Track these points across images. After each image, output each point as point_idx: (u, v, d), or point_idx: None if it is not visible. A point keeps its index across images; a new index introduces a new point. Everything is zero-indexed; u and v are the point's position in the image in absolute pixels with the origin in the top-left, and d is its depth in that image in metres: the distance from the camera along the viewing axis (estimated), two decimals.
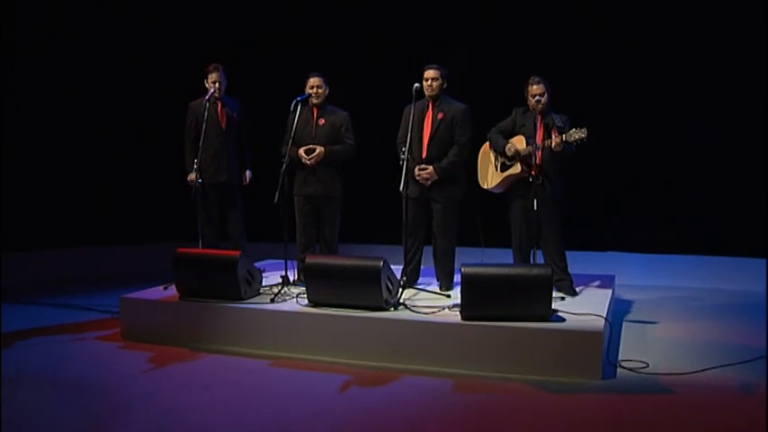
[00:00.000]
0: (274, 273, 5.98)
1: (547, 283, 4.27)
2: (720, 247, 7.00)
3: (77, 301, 6.43)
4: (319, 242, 5.72)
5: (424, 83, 5.25)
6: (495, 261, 5.61)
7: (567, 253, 5.27)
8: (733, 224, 6.91)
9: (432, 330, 4.39)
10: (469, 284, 4.32)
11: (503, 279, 4.32)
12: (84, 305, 6.26)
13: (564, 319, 4.36)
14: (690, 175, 7.12)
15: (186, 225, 6.29)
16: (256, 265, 6.50)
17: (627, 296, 6.30)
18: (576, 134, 4.82)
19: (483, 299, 4.32)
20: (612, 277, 5.84)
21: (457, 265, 5.41)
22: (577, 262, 5.57)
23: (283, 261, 5.41)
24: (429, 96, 5.26)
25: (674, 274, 7.09)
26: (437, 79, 5.25)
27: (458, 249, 5.47)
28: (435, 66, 5.30)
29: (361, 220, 7.17)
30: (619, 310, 5.65)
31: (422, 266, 5.54)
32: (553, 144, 4.90)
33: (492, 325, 4.28)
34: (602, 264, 7.00)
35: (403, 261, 5.32)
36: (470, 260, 5.86)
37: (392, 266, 4.76)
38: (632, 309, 5.90)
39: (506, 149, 5.15)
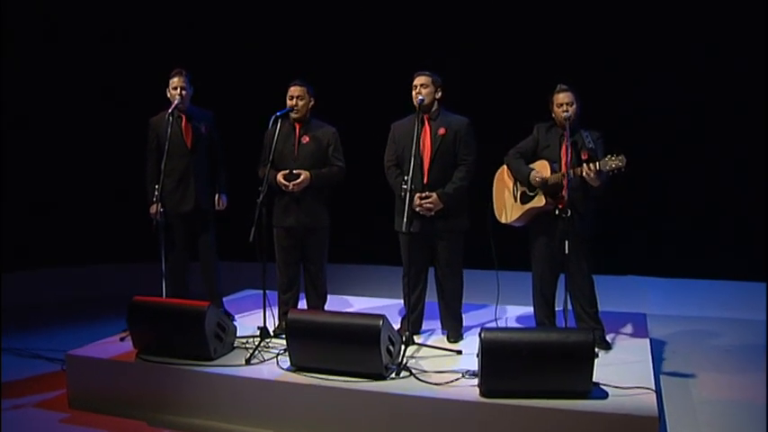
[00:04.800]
0: (252, 313, 5.20)
1: (587, 352, 3.46)
2: (748, 272, 6.28)
3: (23, 341, 5.52)
4: (304, 281, 4.88)
5: (412, 91, 4.42)
6: (510, 285, 4.91)
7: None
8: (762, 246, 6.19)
9: (443, 409, 3.56)
10: (491, 353, 3.50)
11: (532, 347, 3.50)
12: (30, 348, 5.35)
13: (606, 394, 3.55)
14: (717, 191, 6.40)
15: (153, 242, 5.43)
16: (232, 298, 5.75)
17: (655, 333, 5.50)
18: (612, 162, 3.99)
19: (507, 371, 3.50)
20: (644, 318, 5.07)
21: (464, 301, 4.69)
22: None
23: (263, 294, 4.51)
24: (420, 108, 4.40)
25: (702, 301, 6.36)
26: (427, 86, 4.41)
27: (468, 272, 4.67)
28: (426, 72, 4.46)
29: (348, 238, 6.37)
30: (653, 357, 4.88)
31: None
32: (584, 173, 4.09)
33: (518, 404, 3.46)
34: (622, 290, 6.31)
35: (403, 298, 4.54)
36: (481, 285, 5.18)
37: (388, 299, 3.94)
38: (666, 353, 5.13)
39: (531, 179, 4.32)
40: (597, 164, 4.06)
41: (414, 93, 4.40)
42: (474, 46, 6.79)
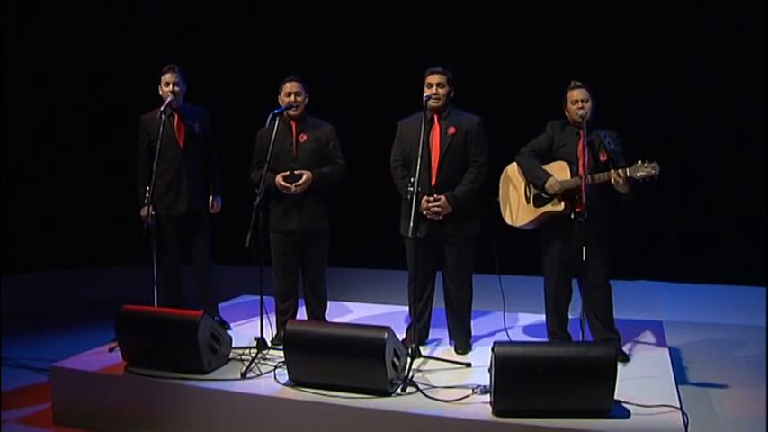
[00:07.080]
0: (248, 321, 4.94)
1: (609, 367, 3.22)
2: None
3: (10, 351, 5.24)
4: (303, 288, 4.64)
5: (426, 90, 4.16)
6: (520, 290, 4.67)
7: None
8: None
9: (454, 429, 3.32)
10: (505, 369, 3.26)
11: (549, 362, 3.25)
12: (18, 358, 5.10)
13: (628, 413, 3.31)
14: (731, 192, 6.16)
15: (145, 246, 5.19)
16: (228, 304, 5.52)
17: (672, 341, 5.23)
18: (645, 169, 3.74)
19: (522, 388, 3.26)
20: (660, 325, 4.85)
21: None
22: None
23: (260, 302, 4.28)
24: (433, 107, 4.15)
25: (718, 307, 6.12)
26: (444, 86, 4.16)
27: (476, 277, 4.40)
28: (441, 69, 4.21)
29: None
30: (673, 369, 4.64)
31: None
32: (612, 180, 3.84)
33: (533, 423, 3.22)
34: (633, 296, 6.03)
35: (408, 306, 4.35)
36: (490, 291, 4.91)
37: (391, 305, 3.71)
38: (685, 363, 4.88)
39: (548, 186, 4.07)
40: (627, 170, 3.82)
41: (427, 91, 4.15)
42: (484, 39, 6.55)
